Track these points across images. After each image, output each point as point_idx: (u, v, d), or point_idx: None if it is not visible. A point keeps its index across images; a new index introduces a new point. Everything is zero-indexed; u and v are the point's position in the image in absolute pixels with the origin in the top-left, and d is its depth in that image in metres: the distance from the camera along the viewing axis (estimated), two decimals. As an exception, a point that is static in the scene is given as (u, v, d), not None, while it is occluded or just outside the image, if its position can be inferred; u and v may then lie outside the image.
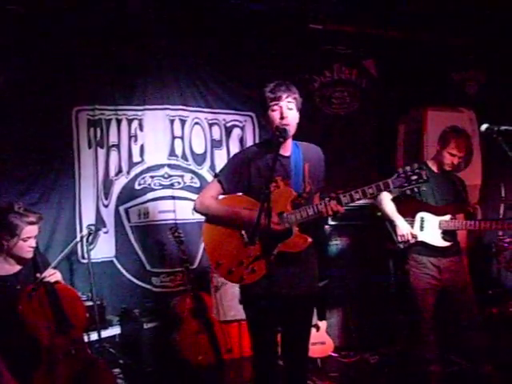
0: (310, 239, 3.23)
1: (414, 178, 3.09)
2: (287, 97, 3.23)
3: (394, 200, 4.46)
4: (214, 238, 3.35)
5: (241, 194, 3.39)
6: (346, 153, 6.37)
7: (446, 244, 4.33)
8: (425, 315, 4.37)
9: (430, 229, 4.35)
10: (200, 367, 4.80)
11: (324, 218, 3.21)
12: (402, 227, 4.35)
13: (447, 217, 4.35)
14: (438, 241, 4.34)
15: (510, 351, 4.79)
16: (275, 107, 3.23)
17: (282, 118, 3.22)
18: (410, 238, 4.30)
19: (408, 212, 4.41)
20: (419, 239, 4.34)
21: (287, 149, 3.34)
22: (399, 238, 4.35)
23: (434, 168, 4.48)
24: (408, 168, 3.12)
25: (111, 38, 5.21)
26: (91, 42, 5.12)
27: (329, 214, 3.14)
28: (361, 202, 3.30)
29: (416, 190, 3.18)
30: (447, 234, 4.35)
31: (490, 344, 4.47)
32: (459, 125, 5.77)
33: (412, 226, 4.37)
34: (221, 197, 3.42)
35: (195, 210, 3.44)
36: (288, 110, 3.23)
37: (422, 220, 4.38)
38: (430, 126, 5.78)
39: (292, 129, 3.27)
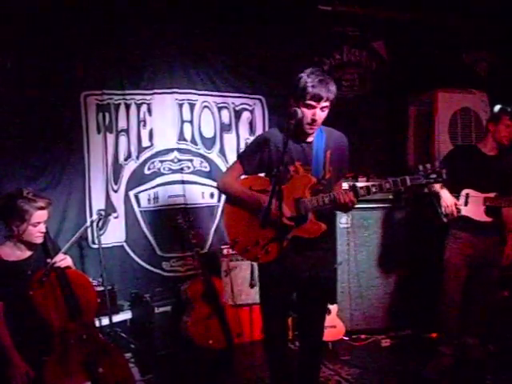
0: (324, 226, 3.24)
1: (433, 176, 3.10)
2: (326, 100, 3.20)
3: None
4: (234, 217, 3.43)
5: (263, 174, 3.45)
6: (356, 136, 6.32)
7: (488, 219, 4.42)
8: (452, 292, 4.49)
9: (474, 204, 4.44)
10: (210, 351, 4.82)
11: (342, 208, 3.24)
12: (447, 199, 4.45)
13: (492, 194, 4.42)
14: (480, 216, 4.42)
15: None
16: (310, 107, 3.21)
17: (313, 120, 3.21)
18: (453, 209, 4.41)
19: (454, 188, 4.50)
20: (463, 213, 4.44)
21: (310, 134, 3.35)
22: (443, 210, 4.46)
23: (486, 150, 4.50)
24: (428, 166, 3.11)
25: (118, 22, 5.17)
26: (98, 26, 5.08)
27: (344, 204, 3.16)
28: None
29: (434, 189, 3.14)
30: (491, 210, 4.42)
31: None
32: (471, 106, 5.75)
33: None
34: (243, 177, 3.47)
35: (218, 188, 3.61)
36: (321, 113, 3.23)
37: (467, 196, 4.46)
38: (440, 108, 5.73)
39: (319, 125, 3.29)
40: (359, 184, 3.22)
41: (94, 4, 5.04)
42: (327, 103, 3.22)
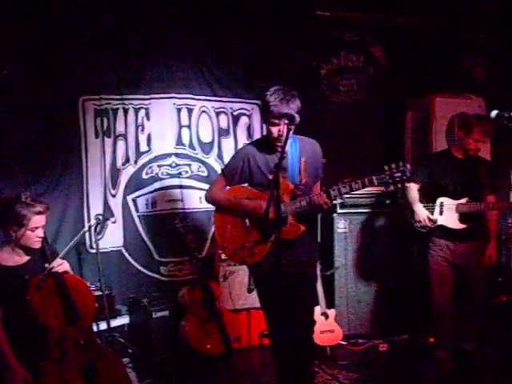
0: (303, 228, 3.54)
1: (398, 175, 3.25)
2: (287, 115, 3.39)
3: (420, 188, 4.59)
4: (222, 224, 3.74)
5: (246, 184, 3.70)
6: (354, 141, 6.33)
7: (462, 226, 4.42)
8: (439, 298, 4.52)
9: (448, 213, 4.45)
10: (208, 356, 4.81)
11: (319, 209, 3.51)
12: (419, 212, 4.47)
13: (464, 200, 4.42)
14: (454, 223, 4.43)
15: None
16: (274, 124, 3.47)
17: (279, 135, 3.45)
18: (427, 222, 4.43)
19: (430, 198, 4.54)
20: (439, 223, 4.46)
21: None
22: (418, 224, 4.49)
23: (458, 154, 4.52)
24: (393, 165, 3.26)
25: (116, 26, 5.17)
26: (96, 30, 5.07)
27: (319, 205, 3.41)
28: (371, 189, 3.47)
29: (400, 186, 3.30)
30: (465, 217, 4.42)
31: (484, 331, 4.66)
32: (468, 112, 5.75)
33: (432, 212, 4.48)
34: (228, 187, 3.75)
35: (206, 200, 3.87)
36: (285, 128, 3.39)
37: (442, 205, 4.48)
38: (438, 113, 5.75)
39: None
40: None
41: (93, 9, 5.04)
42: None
